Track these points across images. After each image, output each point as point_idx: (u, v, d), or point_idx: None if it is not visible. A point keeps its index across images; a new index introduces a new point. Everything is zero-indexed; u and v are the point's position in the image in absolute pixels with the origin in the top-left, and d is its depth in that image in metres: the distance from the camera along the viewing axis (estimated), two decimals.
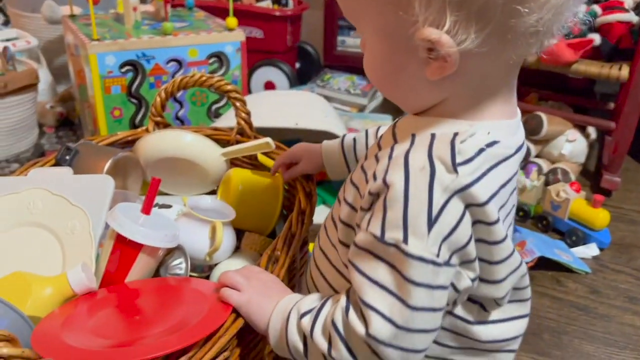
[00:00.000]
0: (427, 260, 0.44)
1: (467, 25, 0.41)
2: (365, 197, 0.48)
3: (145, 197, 0.66)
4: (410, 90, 0.48)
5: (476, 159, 0.45)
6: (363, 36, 0.50)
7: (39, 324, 0.56)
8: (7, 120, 1.43)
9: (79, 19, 1.42)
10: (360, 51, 0.51)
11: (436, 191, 0.43)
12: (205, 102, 1.41)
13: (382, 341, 0.45)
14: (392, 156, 0.47)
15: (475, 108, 0.48)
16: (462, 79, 0.45)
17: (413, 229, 0.43)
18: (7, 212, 0.70)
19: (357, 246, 0.48)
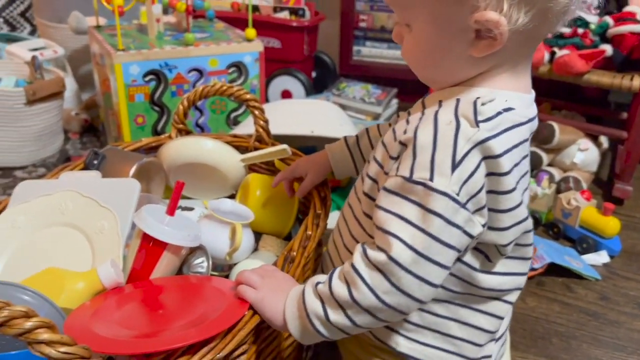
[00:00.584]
0: (449, 195, 0.50)
1: (519, 7, 0.49)
2: (395, 146, 0.55)
3: (170, 200, 0.70)
4: (452, 69, 0.55)
5: (494, 119, 0.52)
6: (403, 25, 0.56)
7: (70, 315, 0.60)
8: (35, 126, 1.48)
9: (104, 30, 1.48)
10: (376, 61, 0.57)
11: (460, 141, 0.51)
12: (224, 110, 1.45)
13: (402, 265, 0.51)
14: (422, 117, 0.55)
15: (497, 79, 0.55)
16: (501, 55, 0.52)
17: (439, 169, 0.50)
18: (40, 213, 0.75)
19: (385, 190, 0.54)
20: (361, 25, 2.01)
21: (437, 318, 0.61)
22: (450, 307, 0.61)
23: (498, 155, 0.51)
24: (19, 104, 1.43)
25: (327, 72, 2.06)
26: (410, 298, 0.53)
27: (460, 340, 0.62)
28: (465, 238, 0.53)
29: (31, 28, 2.22)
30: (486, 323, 0.62)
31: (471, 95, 0.54)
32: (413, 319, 0.61)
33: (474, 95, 0.54)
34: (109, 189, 0.77)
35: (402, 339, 0.62)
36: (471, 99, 0.53)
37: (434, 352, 0.62)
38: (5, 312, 0.44)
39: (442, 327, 0.61)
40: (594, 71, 1.36)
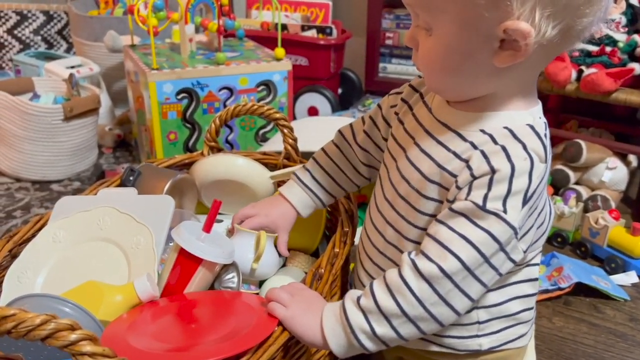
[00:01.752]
0: (515, 228, 0.54)
1: (548, 21, 0.50)
2: (464, 179, 0.56)
3: (207, 217, 0.72)
4: (470, 77, 0.56)
5: (547, 145, 0.56)
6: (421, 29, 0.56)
7: (107, 327, 0.62)
8: (71, 141, 1.54)
9: (138, 49, 1.53)
10: (401, 77, 0.59)
11: (534, 177, 0.54)
12: (253, 127, 1.49)
13: (453, 280, 0.55)
14: (484, 152, 0.55)
15: (522, 97, 0.57)
16: (520, 68, 0.54)
17: (512, 203, 0.53)
18: (80, 228, 0.78)
19: (453, 210, 0.56)
20: (387, 42, 2.04)
21: (499, 306, 0.64)
22: (504, 290, 0.64)
23: (544, 187, 0.57)
24: (57, 120, 1.49)
25: (353, 88, 2.09)
26: (451, 310, 0.56)
27: (519, 313, 0.66)
28: (509, 263, 0.56)
29: (67, 45, 2.31)
30: (530, 288, 0.66)
31: (519, 123, 0.56)
32: (484, 318, 0.64)
33: (520, 121, 0.56)
34: (144, 205, 0.80)
35: (483, 339, 0.65)
36: (524, 127, 0.56)
37: (506, 332, 0.66)
38: (51, 325, 0.47)
39: (505, 311, 0.65)
40: (623, 89, 1.35)
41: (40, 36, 2.26)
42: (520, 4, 0.49)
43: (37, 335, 0.47)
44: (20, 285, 0.73)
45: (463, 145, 0.58)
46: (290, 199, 0.80)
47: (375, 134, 0.75)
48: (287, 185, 0.82)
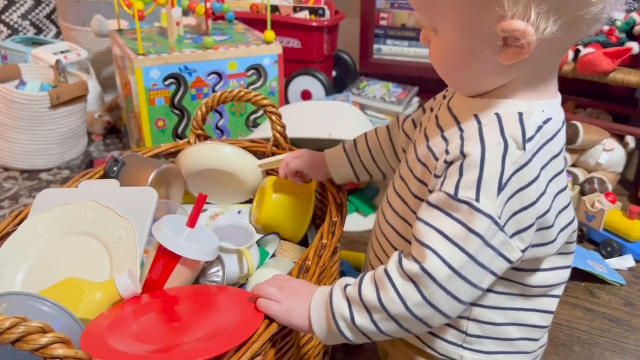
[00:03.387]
0: (492, 217, 0.51)
1: (547, 16, 0.48)
2: (440, 165, 0.55)
3: (191, 212, 0.70)
4: (479, 75, 0.55)
5: (536, 136, 0.53)
6: (430, 30, 0.56)
7: (88, 326, 0.61)
8: (59, 129, 1.51)
9: (125, 33, 1.50)
10: (396, 59, 0.57)
11: (508, 163, 0.51)
12: (243, 112, 1.46)
13: (436, 279, 0.52)
14: (463, 135, 0.54)
15: (530, 89, 0.55)
16: (529, 63, 0.52)
17: (485, 191, 0.51)
18: (60, 222, 0.76)
19: (429, 204, 0.54)
20: (381, 23, 2.00)
21: (496, 327, 0.61)
22: (506, 312, 0.61)
23: (534, 179, 0.52)
24: (44, 108, 1.46)
25: (347, 71, 2.05)
26: (437, 312, 0.53)
27: (519, 340, 0.63)
28: (503, 262, 0.53)
29: (56, 30, 2.26)
30: (540, 320, 0.63)
31: (511, 110, 0.54)
32: (474, 332, 0.61)
33: (514, 109, 0.54)
34: (127, 198, 0.78)
35: (466, 352, 0.62)
36: (514, 114, 0.53)
37: (497, 356, 0.63)
38: (21, 328, 0.45)
39: (502, 334, 0.62)
40: (620, 69, 1.33)
41: (29, 21, 2.22)
42: (512, 3, 0.48)
43: (7, 339, 0.45)
44: (0, 281, 0.72)
45: (454, 128, 0.57)
46: (327, 156, 0.82)
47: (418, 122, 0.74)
48: (332, 149, 0.83)
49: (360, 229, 1.26)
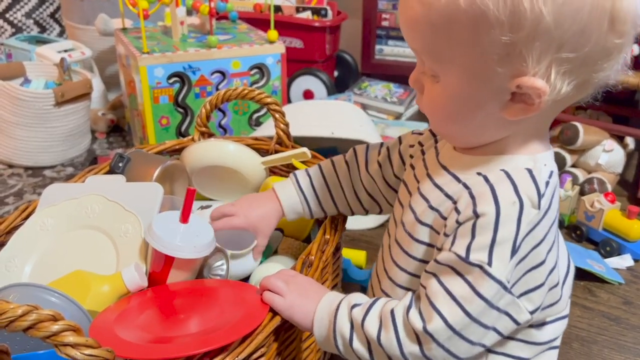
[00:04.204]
0: (502, 283, 0.50)
1: (564, 77, 0.48)
2: (450, 224, 0.54)
3: (182, 207, 0.70)
4: (478, 128, 0.54)
5: (546, 193, 0.52)
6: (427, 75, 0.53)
7: (96, 318, 0.62)
8: (63, 127, 1.53)
9: (129, 32, 1.51)
10: (398, 59, 0.56)
11: (523, 224, 0.50)
12: (246, 111, 1.47)
13: (437, 340, 0.52)
14: (472, 193, 0.53)
15: (529, 143, 0.54)
16: (531, 118, 0.51)
17: (498, 254, 0.50)
18: (68, 216, 0.77)
19: (439, 262, 0.53)
20: (383, 24, 2.01)
21: None
22: None
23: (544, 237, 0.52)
24: (48, 106, 1.47)
25: (349, 71, 2.06)
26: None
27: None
28: (509, 322, 0.53)
29: (60, 29, 2.27)
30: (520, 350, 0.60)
31: (518, 166, 0.53)
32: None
33: (520, 164, 0.53)
34: (133, 193, 0.79)
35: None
36: (522, 171, 0.52)
37: None
38: (33, 315, 0.47)
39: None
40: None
41: (33, 19, 2.23)
42: (536, 62, 0.47)
43: (19, 326, 0.47)
44: (8, 273, 0.73)
45: (457, 186, 0.56)
46: (280, 197, 0.76)
47: (386, 168, 0.73)
48: (283, 183, 0.78)
49: (362, 227, 1.27)
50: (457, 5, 0.46)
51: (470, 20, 0.47)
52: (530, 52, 0.46)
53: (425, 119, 1.81)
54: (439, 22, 0.48)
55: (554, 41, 0.46)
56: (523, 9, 0.45)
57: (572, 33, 0.46)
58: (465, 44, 0.48)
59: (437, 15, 0.48)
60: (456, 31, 0.48)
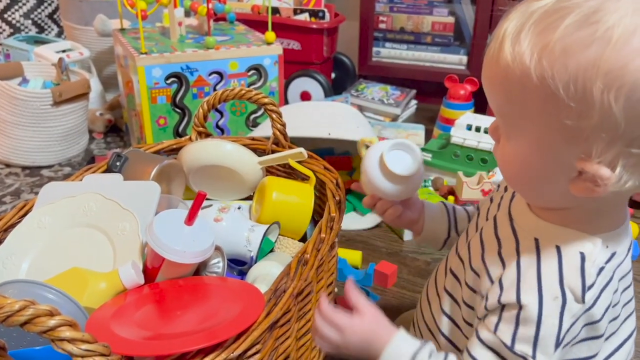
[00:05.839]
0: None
1: (634, 170, 0.46)
2: (492, 303, 0.53)
3: (190, 209, 0.71)
4: (545, 194, 0.53)
5: (597, 281, 0.51)
6: (505, 132, 0.53)
7: (92, 314, 0.62)
8: (61, 127, 1.53)
9: (128, 33, 1.52)
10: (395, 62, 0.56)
11: (566, 318, 0.50)
12: (244, 112, 1.48)
13: None
14: (520, 269, 0.53)
15: (598, 220, 0.53)
16: (602, 198, 0.48)
17: (542, 348, 0.50)
18: (65, 214, 0.78)
19: (483, 343, 0.53)
20: (381, 26, 2.02)
21: None
22: None
23: (598, 320, 0.52)
24: (46, 105, 1.47)
25: (346, 73, 2.07)
26: None
27: None
28: None
29: (58, 29, 2.28)
30: None
31: (574, 248, 0.52)
32: None
33: (577, 246, 0.52)
34: (130, 191, 0.80)
35: None
36: (575, 255, 0.51)
37: None
38: (30, 310, 0.47)
39: None
40: None
41: (31, 20, 2.23)
42: (602, 151, 0.45)
43: (16, 321, 0.47)
44: (5, 270, 0.73)
45: (511, 246, 0.56)
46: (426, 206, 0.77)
47: None
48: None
49: (358, 228, 1.28)
50: (530, 79, 0.46)
51: (540, 97, 0.46)
52: (597, 141, 0.45)
53: (420, 121, 1.82)
54: (513, 91, 0.48)
55: (623, 135, 0.44)
56: (592, 100, 0.43)
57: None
58: (536, 118, 0.48)
59: (512, 84, 0.48)
60: (528, 104, 0.47)
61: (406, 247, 1.22)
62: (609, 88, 0.42)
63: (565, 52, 0.43)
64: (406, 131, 1.71)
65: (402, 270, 1.14)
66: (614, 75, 0.42)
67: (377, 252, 1.20)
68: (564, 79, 0.43)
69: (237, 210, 0.91)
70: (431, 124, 1.74)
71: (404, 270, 1.15)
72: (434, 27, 1.94)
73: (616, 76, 0.42)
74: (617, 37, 0.42)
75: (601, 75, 0.42)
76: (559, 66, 0.44)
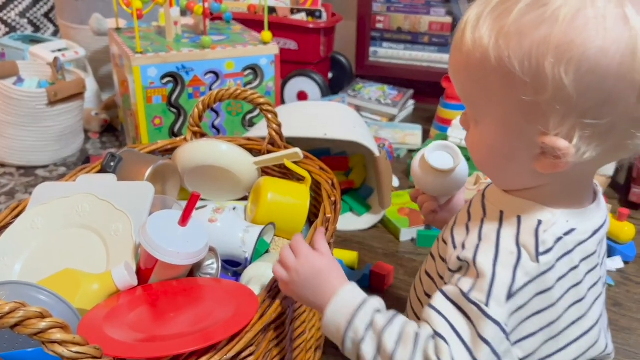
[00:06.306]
0: (500, 325, 0.51)
1: (590, 141, 0.48)
2: (454, 262, 0.56)
3: (184, 210, 0.71)
4: (512, 174, 0.56)
5: (554, 248, 0.53)
6: (471, 118, 0.57)
7: (85, 316, 0.62)
8: (56, 126, 1.52)
9: (123, 32, 1.51)
10: (392, 62, 0.58)
11: (519, 274, 0.52)
12: (240, 112, 1.47)
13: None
14: (482, 234, 0.56)
15: (561, 198, 0.55)
16: (564, 175, 0.52)
17: (495, 297, 0.52)
18: (58, 215, 0.77)
19: (444, 294, 0.55)
20: (378, 26, 2.01)
21: None
22: None
23: (549, 288, 0.53)
24: (41, 105, 1.46)
25: (344, 73, 2.07)
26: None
27: None
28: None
29: (54, 28, 2.27)
30: None
31: (533, 216, 0.54)
32: None
33: (537, 216, 0.54)
34: (124, 192, 0.79)
35: None
36: (533, 222, 0.54)
37: None
38: (20, 312, 0.46)
39: None
40: None
41: (27, 19, 2.22)
42: (558, 123, 0.48)
43: (6, 323, 0.46)
44: None
45: (478, 220, 0.58)
46: None
47: None
48: None
49: (354, 229, 1.27)
50: (489, 61, 0.49)
51: (500, 77, 0.49)
52: (553, 114, 0.48)
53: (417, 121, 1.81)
54: (475, 74, 0.52)
55: (576, 107, 0.47)
56: (545, 74, 0.46)
57: (595, 102, 0.46)
58: (497, 98, 0.51)
59: (474, 68, 0.51)
60: (489, 85, 0.51)
61: (403, 248, 1.22)
62: (559, 62, 0.45)
63: (519, 33, 0.47)
64: (403, 131, 1.71)
65: (398, 271, 1.14)
66: (563, 50, 0.45)
67: (373, 253, 1.20)
68: (519, 57, 0.47)
69: (231, 211, 0.90)
70: (428, 124, 1.73)
71: (401, 271, 1.14)
72: (432, 27, 1.93)
73: (565, 50, 0.45)
74: (563, 16, 0.45)
75: (551, 50, 0.46)
76: (514, 46, 0.47)
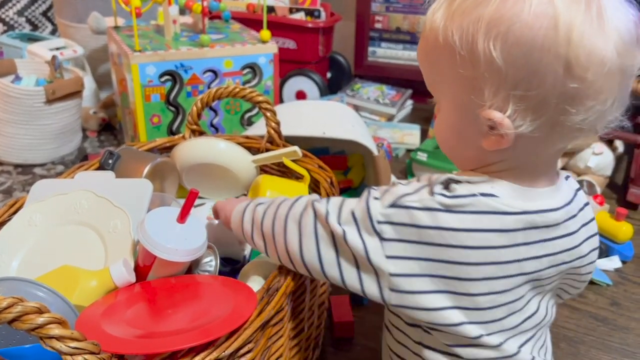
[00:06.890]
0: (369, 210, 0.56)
1: (525, 114, 0.51)
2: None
3: (182, 207, 0.71)
4: (466, 152, 0.59)
5: (463, 198, 0.54)
6: (437, 103, 0.61)
7: (82, 312, 0.62)
8: (54, 124, 1.52)
9: (122, 30, 1.51)
10: (391, 62, 0.62)
11: (414, 197, 0.55)
12: (238, 110, 1.47)
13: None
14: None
15: (512, 176, 0.56)
16: (511, 153, 0.54)
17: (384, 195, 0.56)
18: (56, 211, 0.77)
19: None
20: (377, 26, 2.02)
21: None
22: None
23: (455, 228, 0.53)
24: (39, 103, 1.46)
25: (342, 72, 2.07)
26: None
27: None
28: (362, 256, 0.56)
29: (52, 27, 2.26)
30: None
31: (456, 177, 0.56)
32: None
33: (459, 177, 0.56)
34: (122, 189, 0.79)
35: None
36: (446, 174, 0.57)
37: None
38: (18, 308, 0.46)
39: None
40: None
41: (25, 17, 2.22)
42: (492, 94, 0.51)
43: (4, 319, 0.46)
44: None
45: None
46: None
47: None
48: None
49: None
50: (439, 42, 0.54)
51: (447, 56, 0.53)
52: (487, 87, 0.51)
53: (415, 121, 1.81)
54: (431, 57, 0.57)
55: (506, 79, 0.50)
56: (477, 49, 0.50)
57: (524, 74, 0.49)
58: (447, 77, 0.55)
59: (430, 51, 0.56)
60: (441, 65, 0.55)
61: None
62: (489, 36, 0.50)
63: (462, 13, 0.52)
64: (402, 131, 1.71)
65: None
66: (492, 25, 0.49)
67: None
68: (459, 34, 0.51)
69: None
70: (427, 124, 1.74)
71: None
72: None
73: (494, 25, 0.49)
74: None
75: (483, 26, 0.50)
76: (456, 25, 0.52)
